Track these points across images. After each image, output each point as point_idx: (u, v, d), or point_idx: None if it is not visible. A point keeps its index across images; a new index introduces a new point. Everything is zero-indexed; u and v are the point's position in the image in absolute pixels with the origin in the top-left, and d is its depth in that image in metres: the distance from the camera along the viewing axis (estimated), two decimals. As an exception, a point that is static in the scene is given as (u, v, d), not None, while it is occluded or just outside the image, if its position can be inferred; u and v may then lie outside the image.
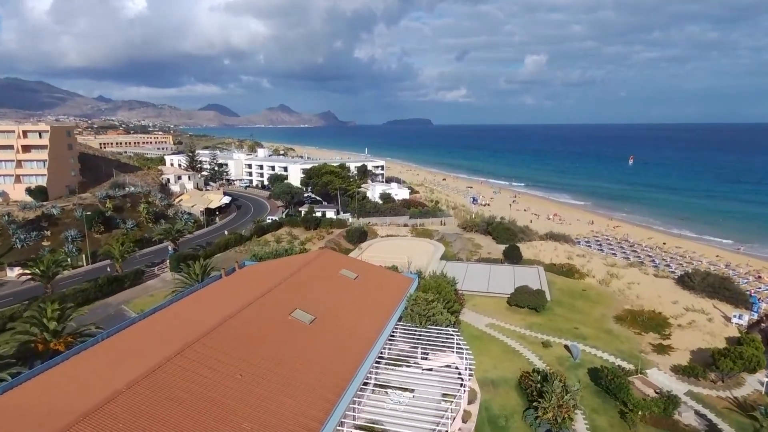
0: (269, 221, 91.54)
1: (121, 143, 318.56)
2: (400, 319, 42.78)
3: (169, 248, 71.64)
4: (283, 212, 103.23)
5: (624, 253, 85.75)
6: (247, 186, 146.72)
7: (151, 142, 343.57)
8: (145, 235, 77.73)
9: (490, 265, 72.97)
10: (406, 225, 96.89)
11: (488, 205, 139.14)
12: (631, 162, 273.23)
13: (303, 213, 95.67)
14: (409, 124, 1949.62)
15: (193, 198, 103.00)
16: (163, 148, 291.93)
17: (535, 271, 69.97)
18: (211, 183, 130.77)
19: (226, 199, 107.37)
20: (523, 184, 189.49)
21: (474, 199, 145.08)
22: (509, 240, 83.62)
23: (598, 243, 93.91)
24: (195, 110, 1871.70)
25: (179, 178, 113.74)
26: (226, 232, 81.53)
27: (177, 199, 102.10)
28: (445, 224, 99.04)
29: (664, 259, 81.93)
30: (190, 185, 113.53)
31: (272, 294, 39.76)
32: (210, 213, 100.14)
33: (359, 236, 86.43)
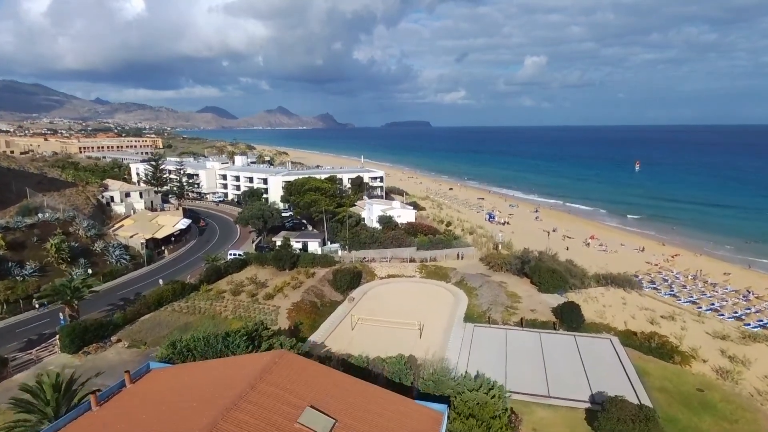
0: (230, 257, 68.64)
1: (102, 147, 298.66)
2: None
3: (61, 316, 48.27)
4: (253, 241, 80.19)
5: (712, 304, 62.77)
6: (220, 200, 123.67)
7: (135, 146, 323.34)
8: (42, 286, 54.27)
9: (539, 333, 50.14)
10: (412, 260, 73.99)
11: (508, 223, 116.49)
12: (637, 167, 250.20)
13: (277, 244, 72.70)
14: (408, 126, 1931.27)
15: (138, 223, 79.87)
16: (148, 153, 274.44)
17: (608, 346, 47.31)
18: (171, 200, 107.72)
19: (183, 224, 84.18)
20: (541, 197, 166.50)
21: (490, 216, 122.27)
22: (556, 287, 60.79)
23: (668, 283, 71.06)
24: (193, 113, 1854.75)
25: (127, 195, 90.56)
26: (160, 281, 58.37)
27: (117, 226, 79.00)
28: (462, 258, 76.20)
29: (774, 316, 58.99)
30: (140, 204, 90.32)
31: None
32: (159, 243, 77.12)
33: (350, 280, 63.59)
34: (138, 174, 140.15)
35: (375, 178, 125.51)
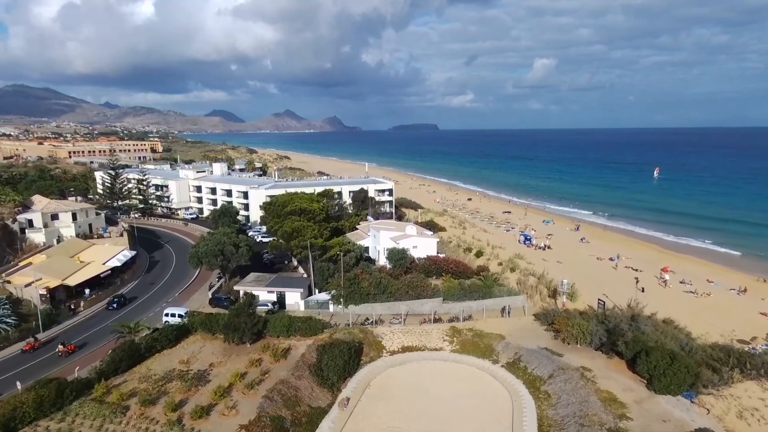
0: (165, 320, 45.54)
1: (93, 152, 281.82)
2: None
3: None
4: (211, 287, 57.00)
5: None
6: (193, 218, 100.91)
7: (129, 150, 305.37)
8: None
9: None
10: (437, 319, 50.48)
11: (549, 247, 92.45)
12: (656, 175, 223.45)
13: (241, 295, 49.59)
14: (416, 130, 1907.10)
15: (53, 260, 57.15)
16: (142, 158, 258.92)
17: None
18: (121, 220, 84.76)
19: (120, 259, 61.20)
20: (574, 209, 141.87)
21: (526, 238, 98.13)
22: (680, 384, 36.85)
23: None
24: (200, 116, 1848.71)
25: (54, 217, 68.14)
26: (18, 385, 35.24)
27: (21, 265, 56.11)
28: (509, 314, 52.55)
29: None
30: (70, 230, 67.80)
31: None
32: (75, 291, 54.26)
33: (345, 364, 40.24)
34: (104, 183, 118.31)
35: (382, 191, 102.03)
